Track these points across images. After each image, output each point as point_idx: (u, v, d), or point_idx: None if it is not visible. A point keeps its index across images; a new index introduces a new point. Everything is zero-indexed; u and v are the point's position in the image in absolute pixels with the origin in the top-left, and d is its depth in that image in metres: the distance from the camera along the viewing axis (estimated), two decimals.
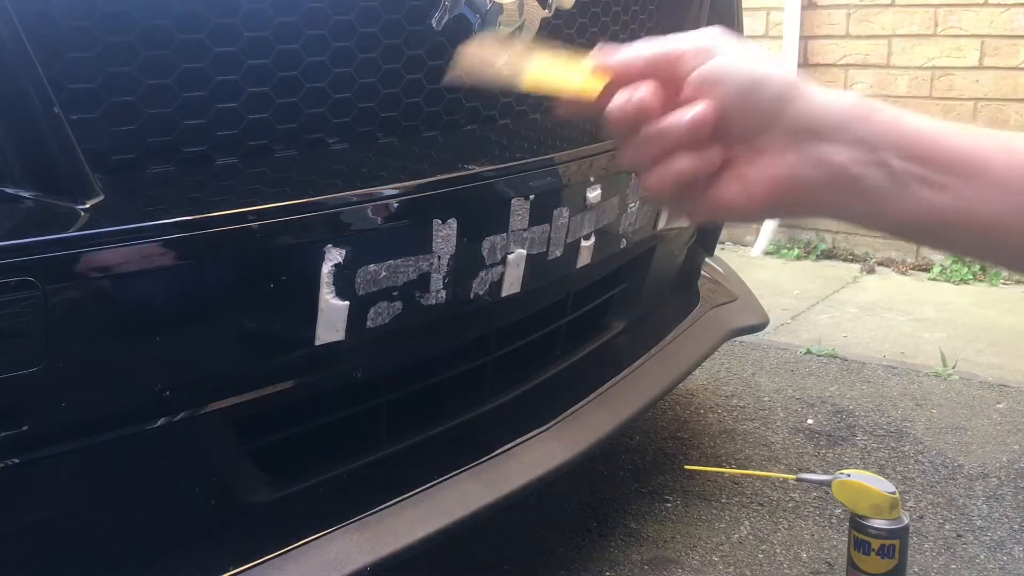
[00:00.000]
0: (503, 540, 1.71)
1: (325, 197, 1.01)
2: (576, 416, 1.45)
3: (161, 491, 1.02)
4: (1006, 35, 3.33)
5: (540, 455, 1.35)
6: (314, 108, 1.09)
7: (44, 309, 0.80)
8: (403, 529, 1.15)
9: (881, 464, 1.99)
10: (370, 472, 1.22)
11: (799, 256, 3.73)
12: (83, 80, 0.90)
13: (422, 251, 1.10)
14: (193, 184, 0.99)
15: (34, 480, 0.90)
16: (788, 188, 0.62)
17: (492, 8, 1.21)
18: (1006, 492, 1.88)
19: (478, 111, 1.31)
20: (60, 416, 0.86)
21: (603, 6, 1.50)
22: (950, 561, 1.66)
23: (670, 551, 1.69)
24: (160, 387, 0.92)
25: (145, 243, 0.87)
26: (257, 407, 1.07)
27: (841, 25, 3.63)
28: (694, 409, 2.27)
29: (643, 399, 1.58)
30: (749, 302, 2.06)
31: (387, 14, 1.14)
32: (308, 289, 1.00)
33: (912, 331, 2.84)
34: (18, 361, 0.81)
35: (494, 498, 1.25)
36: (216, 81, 1.00)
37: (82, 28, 0.89)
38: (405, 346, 1.22)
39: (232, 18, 1.00)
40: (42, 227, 0.82)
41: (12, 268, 0.78)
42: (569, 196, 1.30)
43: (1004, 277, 3.41)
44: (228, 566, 1.02)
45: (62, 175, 0.85)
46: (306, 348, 1.03)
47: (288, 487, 1.14)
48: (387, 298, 1.07)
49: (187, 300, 0.92)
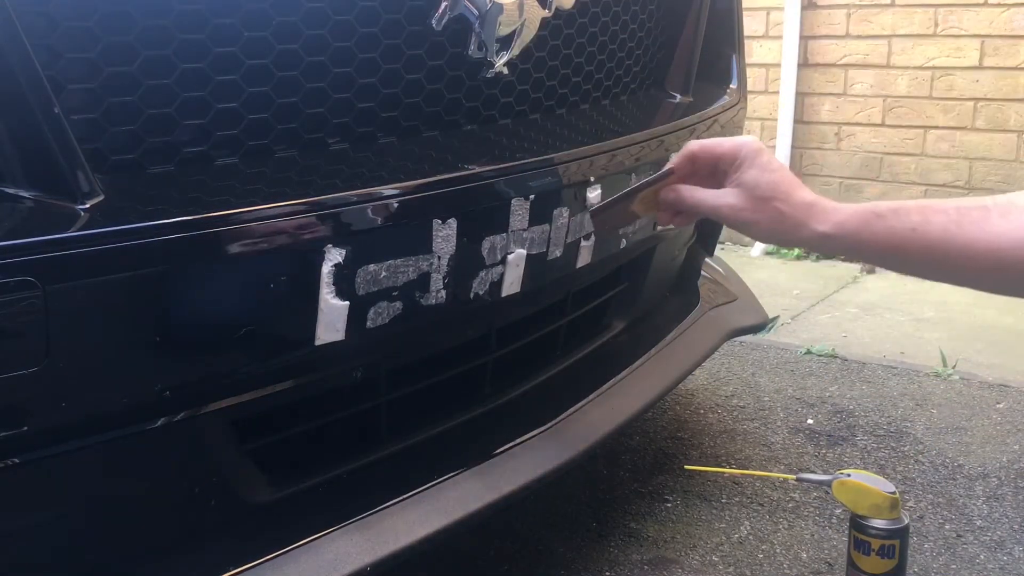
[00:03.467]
0: (503, 540, 1.71)
1: (325, 197, 1.01)
2: (576, 416, 1.45)
3: (161, 491, 1.02)
4: (1006, 35, 3.33)
5: (540, 455, 1.35)
6: (314, 108, 1.09)
7: (44, 309, 0.80)
8: (403, 529, 1.15)
9: (881, 464, 1.99)
10: (370, 472, 1.22)
11: (799, 256, 3.73)
12: (83, 80, 0.90)
13: (422, 251, 1.10)
14: (193, 184, 0.99)
15: (34, 480, 0.90)
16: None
17: (492, 8, 1.21)
18: (1006, 492, 1.88)
19: (478, 111, 1.31)
20: (60, 416, 0.86)
21: (603, 6, 1.50)
22: (950, 561, 1.66)
23: (670, 551, 1.69)
24: (160, 387, 0.92)
25: (145, 243, 0.87)
26: (257, 407, 1.07)
27: (841, 25, 3.63)
28: (694, 409, 2.27)
29: (643, 399, 1.58)
30: (749, 302, 2.06)
31: (387, 14, 1.14)
32: (308, 289, 1.00)
33: (912, 331, 2.84)
34: (18, 361, 0.81)
35: (494, 498, 1.25)
36: (216, 81, 1.00)
37: (82, 28, 0.89)
38: (405, 346, 1.22)
39: (232, 18, 1.00)
40: (42, 227, 0.82)
41: (12, 268, 0.78)
42: (569, 196, 1.30)
43: None
44: (228, 566, 1.02)
45: (62, 175, 0.85)
46: (306, 348, 1.03)
47: (288, 487, 1.14)
48: (387, 298, 1.07)
49: (187, 300, 0.92)
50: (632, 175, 1.43)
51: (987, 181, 3.44)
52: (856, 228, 1.02)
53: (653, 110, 1.70)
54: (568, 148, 1.33)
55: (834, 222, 1.03)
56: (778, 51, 3.74)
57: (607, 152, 1.37)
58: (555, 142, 1.38)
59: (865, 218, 1.02)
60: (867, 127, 3.64)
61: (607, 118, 1.56)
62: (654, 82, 1.73)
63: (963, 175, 3.48)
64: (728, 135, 1.86)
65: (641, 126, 1.54)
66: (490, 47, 1.24)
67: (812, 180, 3.79)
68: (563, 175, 1.29)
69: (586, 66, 1.50)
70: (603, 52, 1.54)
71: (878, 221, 1.01)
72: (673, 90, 1.75)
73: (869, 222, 1.01)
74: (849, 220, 1.02)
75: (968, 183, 3.48)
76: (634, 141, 1.45)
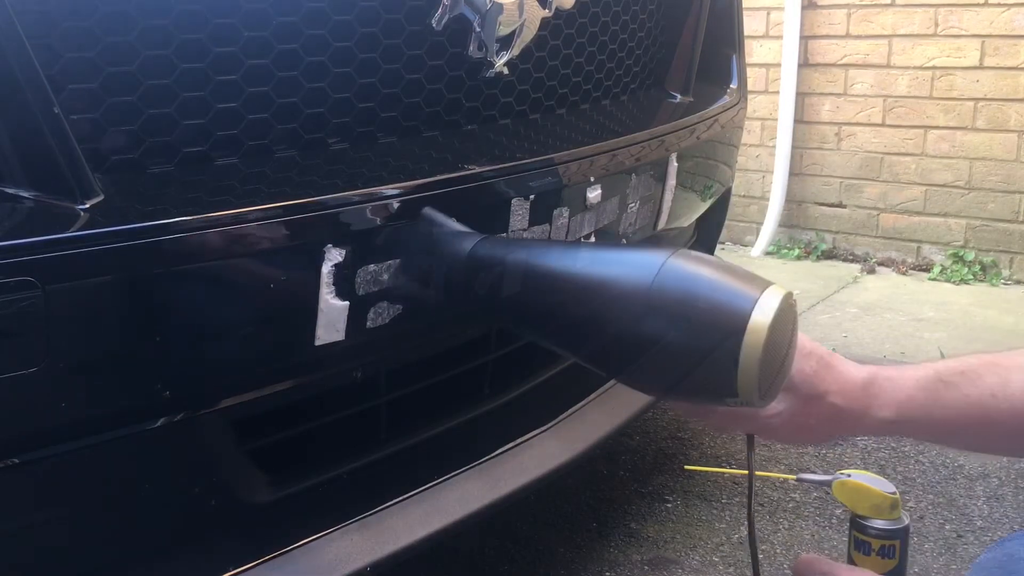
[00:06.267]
0: (503, 540, 1.71)
1: (325, 197, 1.01)
2: (576, 416, 1.45)
3: (161, 491, 1.02)
4: (1006, 35, 3.33)
5: (540, 455, 1.35)
6: (314, 108, 1.09)
7: (44, 309, 0.80)
8: (403, 529, 1.15)
9: (881, 464, 1.99)
10: (370, 472, 1.22)
11: (799, 256, 3.73)
12: (83, 80, 0.90)
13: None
14: (193, 184, 0.99)
15: (34, 480, 0.90)
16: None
17: (492, 8, 1.21)
18: (1006, 492, 1.88)
19: (478, 111, 1.31)
20: (60, 416, 0.86)
21: (603, 6, 1.50)
22: (951, 561, 1.66)
23: (670, 551, 1.69)
24: (160, 387, 0.92)
25: (145, 243, 0.87)
26: (257, 407, 1.07)
27: (841, 25, 3.63)
28: None
29: (643, 399, 1.58)
30: None
31: (387, 14, 1.14)
32: (308, 289, 1.00)
33: (912, 331, 2.84)
34: (18, 361, 0.81)
35: (494, 498, 1.25)
36: (216, 81, 1.00)
37: (82, 28, 0.89)
38: (405, 346, 1.22)
39: (232, 18, 1.00)
40: (42, 227, 0.82)
41: (12, 268, 0.78)
42: (569, 196, 1.30)
43: (1004, 277, 3.41)
44: (228, 566, 1.02)
45: (62, 175, 0.85)
46: (306, 348, 1.03)
47: (288, 487, 1.14)
48: (387, 298, 1.07)
49: (187, 300, 0.92)
50: (632, 175, 1.43)
51: (987, 181, 3.44)
52: (924, 403, 0.88)
53: (653, 110, 1.70)
54: (568, 148, 1.33)
55: (897, 403, 0.89)
56: (778, 51, 3.74)
57: (607, 152, 1.37)
58: (555, 142, 1.38)
59: (932, 389, 0.89)
60: (867, 127, 3.64)
61: (607, 118, 1.56)
62: (654, 82, 1.73)
63: (963, 175, 3.48)
64: (728, 135, 1.86)
65: (641, 126, 1.54)
66: (490, 47, 1.24)
67: (812, 180, 3.79)
68: (563, 175, 1.29)
69: (586, 66, 1.50)
70: (603, 52, 1.53)
71: (948, 391, 0.88)
72: (673, 90, 1.75)
73: (937, 394, 0.88)
74: (914, 396, 0.89)
75: (968, 183, 3.48)
76: (634, 141, 1.45)
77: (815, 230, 3.81)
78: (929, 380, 0.88)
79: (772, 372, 0.78)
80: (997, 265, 3.44)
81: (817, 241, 3.78)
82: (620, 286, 0.82)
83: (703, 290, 0.78)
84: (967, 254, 3.48)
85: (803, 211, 3.82)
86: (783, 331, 0.78)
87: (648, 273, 0.80)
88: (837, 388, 0.90)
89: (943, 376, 0.88)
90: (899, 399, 0.89)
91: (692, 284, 0.79)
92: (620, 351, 0.82)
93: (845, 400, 0.90)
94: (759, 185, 3.92)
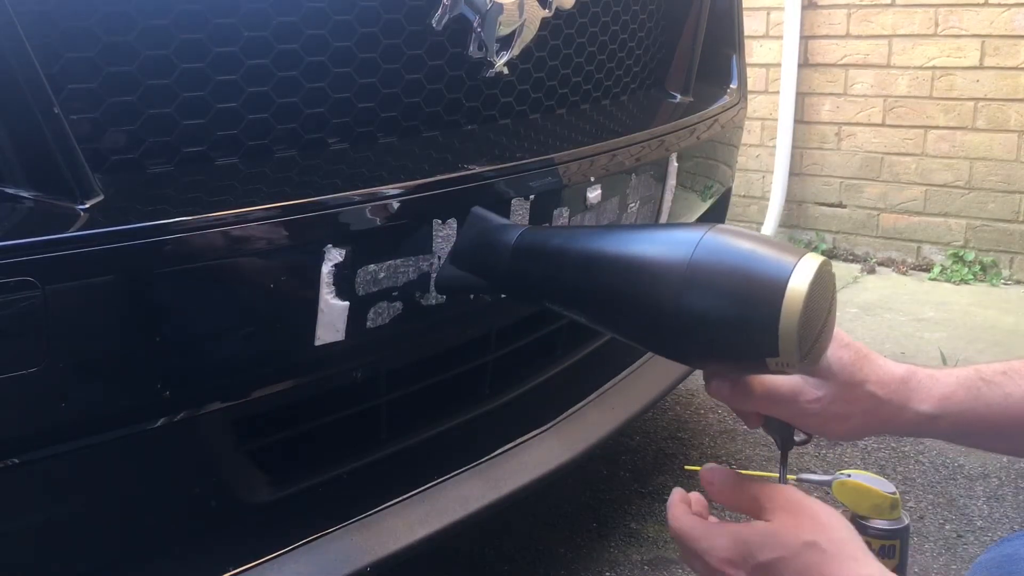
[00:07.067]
0: (503, 540, 1.71)
1: (325, 197, 1.01)
2: (576, 416, 1.45)
3: (161, 491, 1.02)
4: (1006, 35, 3.33)
5: (540, 455, 1.35)
6: (314, 108, 1.09)
7: (44, 309, 0.80)
8: (403, 529, 1.15)
9: (881, 464, 1.99)
10: (370, 472, 1.22)
11: None
12: (83, 80, 0.90)
13: (422, 251, 1.10)
14: (193, 184, 0.99)
15: (34, 480, 0.90)
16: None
17: (492, 8, 1.21)
18: (1006, 492, 1.88)
19: (478, 111, 1.31)
20: (60, 416, 0.86)
21: (603, 6, 1.50)
22: (951, 561, 1.66)
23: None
24: (160, 387, 0.92)
25: (145, 243, 0.87)
26: (257, 407, 1.07)
27: (841, 25, 3.63)
28: (694, 409, 2.27)
29: (643, 399, 1.58)
30: None
31: (387, 14, 1.14)
32: (308, 289, 1.00)
33: (913, 331, 2.84)
34: (18, 361, 0.81)
35: (494, 498, 1.25)
36: (216, 81, 1.00)
37: (82, 28, 0.89)
38: (405, 346, 1.22)
39: (232, 18, 1.00)
40: (42, 227, 0.82)
41: (12, 268, 0.78)
42: (569, 196, 1.30)
43: (1004, 277, 3.41)
44: (228, 566, 1.02)
45: (62, 175, 0.85)
46: (306, 348, 1.03)
47: (288, 487, 1.14)
48: (387, 298, 1.07)
49: (187, 300, 0.92)
50: (632, 175, 1.43)
51: (987, 181, 3.44)
52: (964, 400, 0.87)
53: (653, 110, 1.70)
54: (568, 148, 1.33)
55: (938, 397, 0.88)
56: (778, 51, 3.74)
57: (607, 152, 1.37)
58: (555, 142, 1.38)
59: (973, 386, 0.88)
60: (867, 127, 3.64)
61: (607, 118, 1.56)
62: (654, 82, 1.73)
63: (963, 175, 3.48)
64: (729, 135, 1.86)
65: (641, 126, 1.54)
66: (490, 47, 1.24)
67: (812, 180, 3.79)
68: (563, 175, 1.29)
69: (586, 66, 1.50)
70: (603, 52, 1.53)
71: (990, 389, 0.87)
72: (673, 90, 1.75)
73: (979, 391, 0.87)
74: (955, 392, 0.88)
75: (968, 183, 3.48)
76: (634, 141, 1.45)
77: (815, 230, 3.81)
78: (970, 378, 0.88)
79: (813, 334, 0.80)
80: (997, 265, 3.45)
81: (817, 241, 3.78)
82: (660, 263, 0.85)
83: (742, 260, 0.81)
84: (967, 254, 3.48)
85: (803, 211, 3.83)
86: (822, 295, 0.80)
87: (686, 250, 0.83)
88: (876, 379, 0.90)
89: (984, 375, 0.88)
90: (940, 394, 0.89)
91: (731, 256, 0.82)
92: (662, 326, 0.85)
93: (884, 391, 0.89)
94: (759, 185, 3.92)
